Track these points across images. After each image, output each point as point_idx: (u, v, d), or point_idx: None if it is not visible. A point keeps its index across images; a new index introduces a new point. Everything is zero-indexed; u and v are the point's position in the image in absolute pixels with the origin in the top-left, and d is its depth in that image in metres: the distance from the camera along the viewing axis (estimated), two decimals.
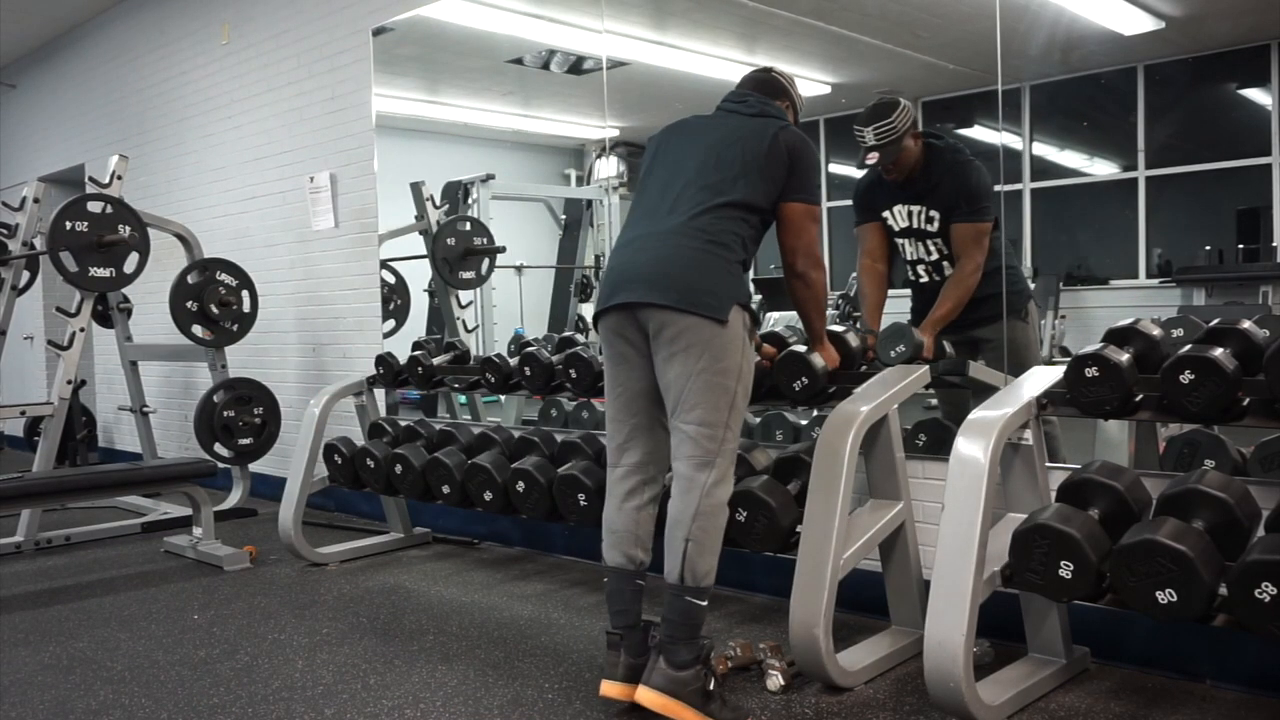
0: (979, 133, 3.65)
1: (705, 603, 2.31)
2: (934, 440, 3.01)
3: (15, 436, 7.57)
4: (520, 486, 3.19)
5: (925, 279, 2.96)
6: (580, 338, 3.92)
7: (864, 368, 2.83)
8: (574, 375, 3.26)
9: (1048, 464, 2.45)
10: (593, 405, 4.06)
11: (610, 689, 2.35)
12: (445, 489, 3.45)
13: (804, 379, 2.70)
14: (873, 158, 2.84)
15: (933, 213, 2.88)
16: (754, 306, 2.46)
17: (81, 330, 4.51)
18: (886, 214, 3.01)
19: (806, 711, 2.40)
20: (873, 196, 3.05)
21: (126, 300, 5.46)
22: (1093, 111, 3.10)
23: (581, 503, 3.00)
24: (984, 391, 2.69)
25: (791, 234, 2.49)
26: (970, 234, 2.82)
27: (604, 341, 2.48)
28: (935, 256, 2.91)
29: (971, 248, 2.82)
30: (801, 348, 2.75)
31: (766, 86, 2.62)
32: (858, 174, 4.46)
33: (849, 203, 3.08)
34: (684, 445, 2.34)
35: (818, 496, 2.45)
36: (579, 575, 3.69)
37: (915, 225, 2.92)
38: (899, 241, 3.00)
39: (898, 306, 4.09)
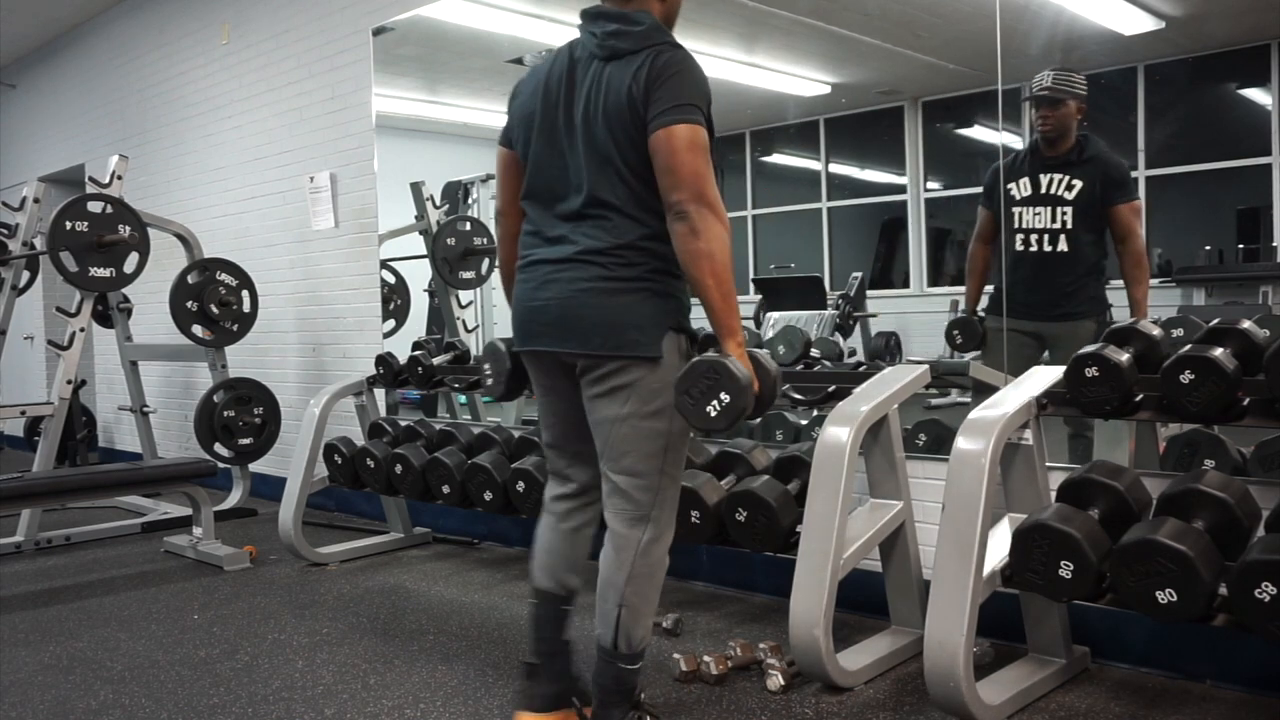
0: (979, 132, 3.65)
1: (639, 665, 2.12)
2: (934, 440, 3.01)
3: (15, 436, 7.57)
4: (520, 486, 3.19)
5: (1035, 248, 3.01)
6: None
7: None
8: None
9: (1049, 464, 2.45)
10: None
11: None
12: (445, 489, 3.45)
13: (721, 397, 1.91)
14: (1044, 92, 2.94)
15: (1075, 182, 2.96)
16: (693, 326, 2.11)
17: (81, 330, 4.51)
18: (1011, 185, 3.05)
19: (806, 711, 2.40)
20: (1007, 173, 3.10)
21: (126, 300, 5.46)
22: (1093, 111, 3.10)
23: None
24: (984, 391, 2.70)
25: (664, 166, 1.91)
26: (1130, 213, 2.93)
27: (530, 374, 2.25)
28: (1057, 225, 2.98)
29: (1135, 225, 2.93)
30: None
31: None
32: (860, 174, 4.49)
33: (849, 202, 3.08)
34: (614, 496, 2.09)
35: (818, 496, 2.45)
36: None
37: (1050, 191, 2.99)
38: (1016, 211, 3.05)
39: (893, 307, 4.09)
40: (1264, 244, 2.88)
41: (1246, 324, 2.18)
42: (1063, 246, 2.98)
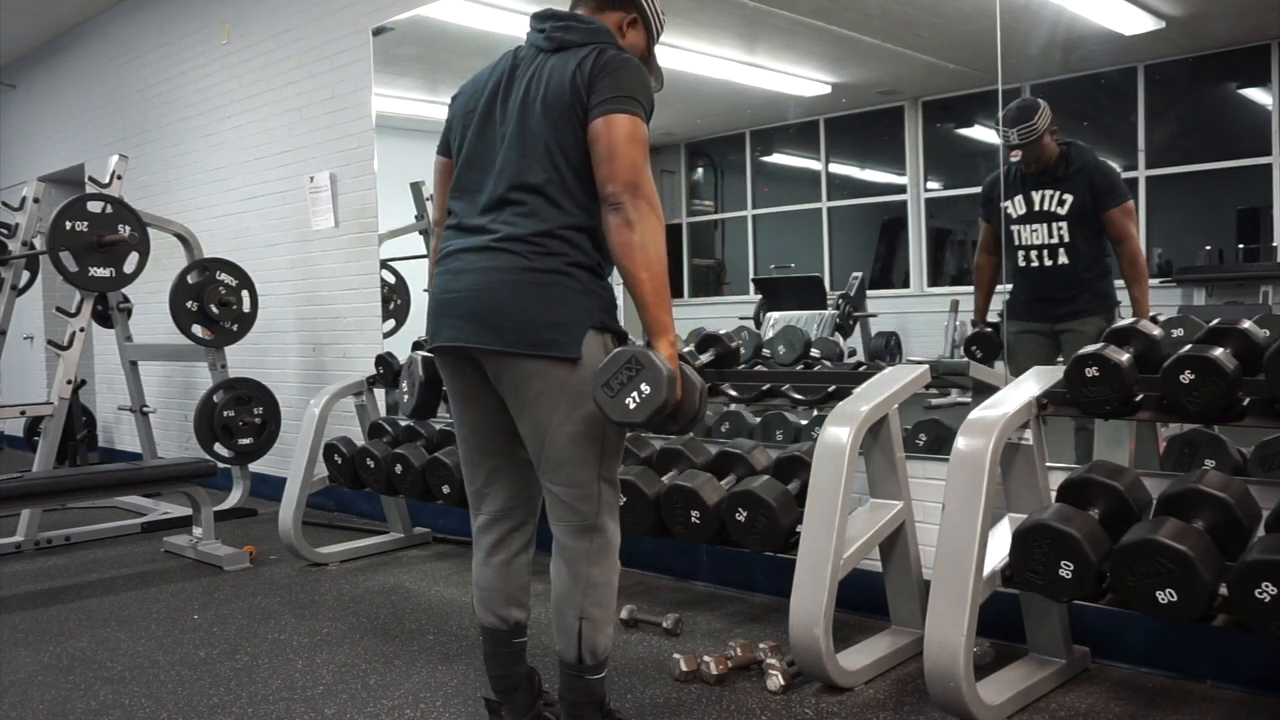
0: (979, 132, 3.65)
1: (605, 673, 2.07)
2: (934, 440, 3.01)
3: (15, 436, 7.57)
4: None
5: (1036, 264, 3.05)
6: None
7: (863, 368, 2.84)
8: None
9: (1049, 464, 2.45)
10: None
11: None
12: (445, 489, 3.45)
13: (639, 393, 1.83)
14: (1016, 155, 2.99)
15: (1065, 196, 3.00)
16: (619, 323, 2.03)
17: (81, 330, 4.51)
18: (1006, 204, 3.08)
19: (806, 711, 2.40)
20: (1002, 189, 3.14)
21: (126, 300, 5.46)
22: (1093, 111, 3.10)
23: None
24: (984, 391, 2.70)
25: (603, 155, 1.87)
26: (1123, 214, 2.96)
27: (443, 377, 2.14)
28: (1054, 240, 3.02)
29: (1129, 226, 2.95)
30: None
31: None
32: (860, 174, 4.49)
33: (849, 202, 3.08)
34: (556, 508, 2.02)
35: (818, 496, 2.45)
36: None
37: (1043, 208, 3.02)
38: (1014, 229, 3.09)
39: (893, 307, 4.09)
40: (1264, 244, 2.88)
41: (1246, 324, 2.19)
42: (1063, 259, 3.01)
